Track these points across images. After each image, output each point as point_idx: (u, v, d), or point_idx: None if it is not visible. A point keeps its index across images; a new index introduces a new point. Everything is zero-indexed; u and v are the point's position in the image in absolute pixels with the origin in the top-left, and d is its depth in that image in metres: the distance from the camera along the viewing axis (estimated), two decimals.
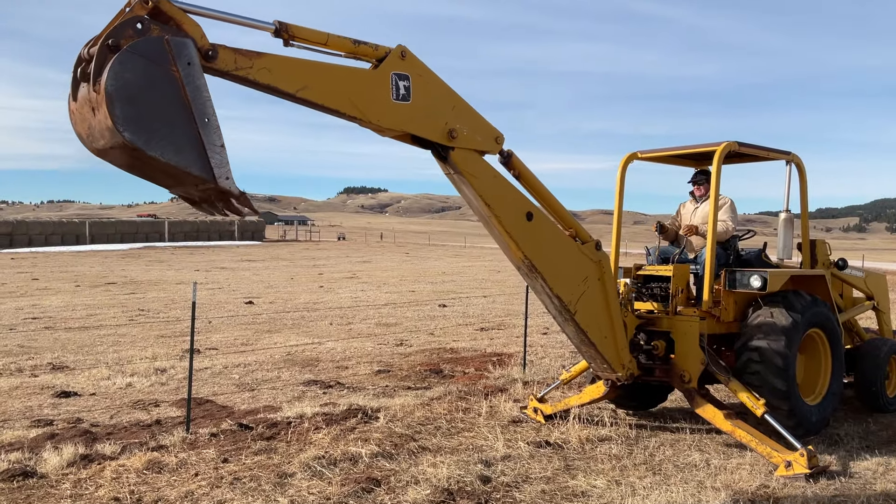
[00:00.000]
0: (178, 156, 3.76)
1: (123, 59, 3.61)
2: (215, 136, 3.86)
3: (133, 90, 3.63)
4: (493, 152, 5.82)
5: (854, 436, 7.40)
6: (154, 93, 3.70)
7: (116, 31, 3.69)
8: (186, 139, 3.79)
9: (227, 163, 3.90)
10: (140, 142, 3.65)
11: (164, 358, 11.45)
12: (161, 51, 3.73)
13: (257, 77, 4.34)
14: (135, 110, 3.64)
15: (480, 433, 7.32)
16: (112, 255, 45.46)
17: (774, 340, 6.91)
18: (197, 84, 3.83)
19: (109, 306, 18.85)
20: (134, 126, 3.63)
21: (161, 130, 3.71)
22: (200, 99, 3.83)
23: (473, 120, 5.59)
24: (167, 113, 3.75)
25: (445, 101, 5.41)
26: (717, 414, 6.88)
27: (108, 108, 3.56)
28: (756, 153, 7.78)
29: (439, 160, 5.63)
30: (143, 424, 7.64)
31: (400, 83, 5.04)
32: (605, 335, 6.62)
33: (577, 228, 6.53)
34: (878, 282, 9.31)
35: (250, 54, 4.29)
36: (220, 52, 4.12)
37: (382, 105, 4.99)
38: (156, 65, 3.71)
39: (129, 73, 3.61)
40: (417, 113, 5.19)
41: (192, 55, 3.84)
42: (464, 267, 38.37)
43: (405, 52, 5.05)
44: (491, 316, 17.44)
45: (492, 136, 5.74)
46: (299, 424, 7.47)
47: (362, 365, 11.16)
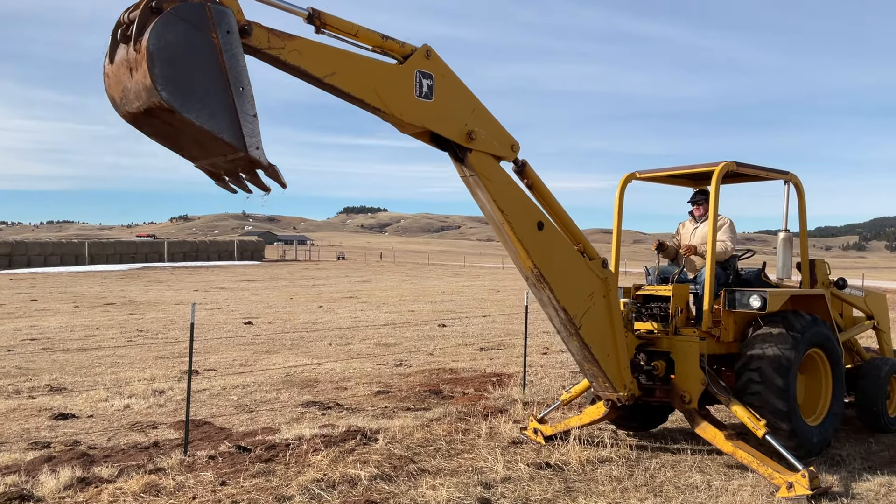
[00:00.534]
0: (211, 120, 3.81)
1: (166, 21, 3.67)
2: (249, 106, 3.92)
3: (173, 52, 3.69)
4: (509, 159, 5.94)
5: (856, 456, 7.35)
6: (193, 57, 3.76)
7: None
8: (221, 105, 3.84)
9: (258, 133, 3.95)
10: (176, 103, 3.70)
11: (162, 379, 11.40)
12: (203, 16, 3.80)
13: (288, 58, 4.42)
14: (173, 71, 3.69)
15: (480, 455, 7.27)
16: (111, 276, 45.43)
17: (775, 360, 6.88)
18: (234, 53, 3.90)
19: (108, 327, 18.80)
20: (172, 86, 3.68)
21: (197, 94, 3.77)
22: (237, 68, 3.89)
23: (491, 125, 5.72)
24: (204, 78, 3.80)
25: (466, 104, 5.53)
26: (717, 435, 6.84)
27: (149, 67, 3.61)
28: (754, 173, 7.80)
29: (456, 161, 5.74)
30: (140, 447, 7.60)
31: (424, 81, 5.16)
32: (608, 353, 6.61)
33: (586, 244, 6.56)
34: (877, 301, 9.29)
35: (283, 35, 4.39)
36: (254, 30, 4.21)
37: (405, 100, 5.10)
38: (196, 29, 3.77)
39: (170, 34, 3.67)
40: (439, 111, 5.31)
41: (231, 24, 3.91)
42: (463, 286, 38.35)
43: (430, 51, 5.20)
44: (490, 336, 17.40)
45: (508, 143, 5.88)
46: (298, 446, 7.43)
47: (361, 386, 11.12)
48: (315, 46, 4.57)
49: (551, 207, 6.42)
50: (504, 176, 5.89)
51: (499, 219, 5.86)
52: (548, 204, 6.40)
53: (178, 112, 3.74)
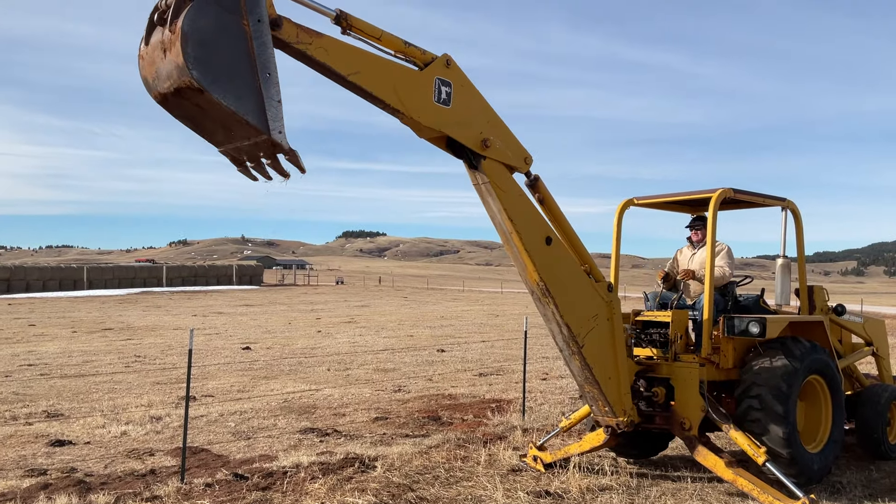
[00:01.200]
0: (238, 102, 3.99)
1: (201, 5, 3.88)
2: (274, 91, 4.10)
3: (206, 34, 3.88)
4: (522, 170, 6.07)
5: (857, 484, 7.31)
6: (224, 41, 3.95)
7: None
8: (248, 89, 4.02)
9: (281, 118, 4.14)
10: (206, 82, 3.89)
11: (159, 406, 11.35)
12: (235, 3, 4.00)
13: (315, 54, 4.60)
14: (205, 53, 3.88)
15: (479, 482, 7.22)
16: (109, 301, 45.36)
17: (774, 387, 6.86)
18: (264, 40, 4.08)
19: (106, 352, 18.74)
20: (203, 67, 3.87)
21: (226, 76, 3.96)
22: (265, 54, 4.08)
23: (506, 136, 5.87)
24: (233, 61, 3.99)
25: (482, 114, 5.68)
26: (718, 462, 6.80)
27: (182, 46, 3.80)
28: (751, 200, 7.83)
29: (470, 169, 5.85)
30: (137, 474, 7.54)
31: (442, 88, 5.34)
32: (609, 376, 6.60)
33: (592, 266, 6.60)
34: (876, 327, 9.29)
35: (311, 32, 4.57)
36: (284, 24, 4.40)
37: (424, 103, 5.25)
38: (229, 14, 3.97)
39: (204, 18, 3.87)
40: (455, 118, 5.46)
41: (263, 13, 4.11)
42: (462, 311, 38.28)
43: (450, 61, 5.38)
44: (489, 361, 17.34)
45: (522, 155, 6.02)
46: (295, 474, 7.38)
47: (360, 412, 11.06)
48: (341, 45, 4.75)
49: (560, 225, 6.49)
50: (516, 187, 5.99)
51: (508, 228, 5.93)
52: (557, 221, 6.48)
53: (206, 92, 3.92)
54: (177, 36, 3.84)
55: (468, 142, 5.62)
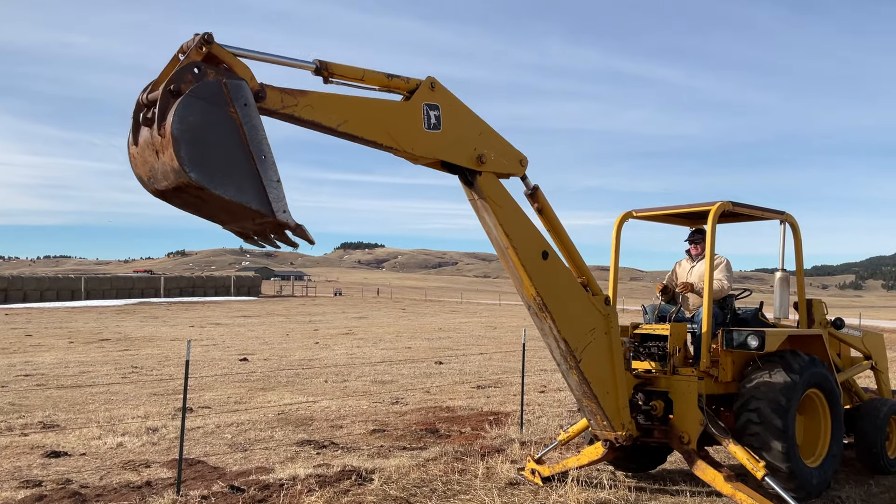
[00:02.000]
0: (238, 192, 3.96)
1: (186, 104, 3.80)
2: (272, 172, 4.06)
3: (196, 132, 3.82)
4: (519, 174, 6.05)
5: (856, 499, 7.27)
6: (215, 133, 3.91)
7: (176, 77, 3.86)
8: (246, 176, 3.98)
9: (283, 197, 4.10)
10: (205, 181, 3.84)
11: (156, 417, 11.31)
12: (220, 94, 3.94)
13: (302, 114, 4.56)
14: (199, 151, 3.83)
15: (477, 496, 7.18)
16: (107, 311, 45.28)
17: (773, 401, 6.84)
18: (254, 123, 4.04)
19: (102, 363, 18.69)
20: (199, 167, 3.82)
21: (223, 169, 3.92)
22: (257, 137, 4.03)
23: (499, 144, 5.83)
24: (228, 152, 3.95)
25: (473, 128, 5.64)
26: (717, 476, 6.77)
27: (175, 150, 3.74)
28: (750, 213, 7.83)
29: (465, 185, 5.82)
30: (133, 486, 7.50)
31: (431, 113, 5.29)
32: (607, 390, 6.57)
33: (590, 279, 6.57)
34: (875, 341, 9.27)
35: (295, 93, 4.52)
36: (268, 93, 4.34)
37: (415, 134, 5.22)
38: (216, 107, 3.92)
39: (192, 116, 3.80)
40: (448, 140, 5.43)
41: (247, 96, 4.06)
42: (460, 323, 38.23)
43: (434, 83, 5.32)
44: (487, 373, 17.30)
45: (516, 158, 5.99)
46: (292, 486, 7.34)
47: (357, 424, 11.02)
48: (326, 98, 4.69)
49: (559, 236, 6.48)
50: (512, 202, 5.97)
51: (504, 244, 5.91)
52: (556, 232, 6.47)
53: (207, 189, 3.90)
54: (168, 140, 3.77)
55: (463, 162, 5.60)
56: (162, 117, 3.80)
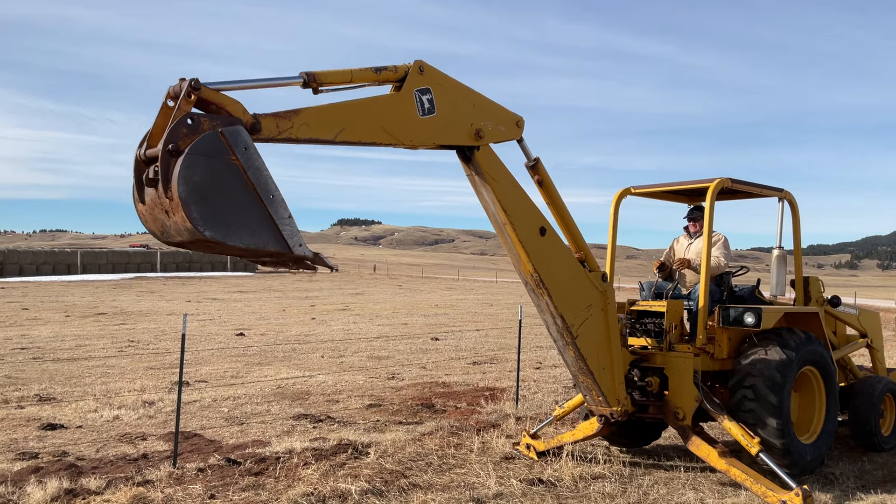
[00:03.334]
0: (254, 238, 3.99)
1: (189, 164, 3.74)
2: (282, 210, 4.07)
3: (203, 190, 3.79)
4: (517, 136, 6.03)
5: (849, 475, 7.32)
6: (221, 185, 3.87)
7: (172, 136, 3.78)
8: (258, 220, 4.00)
9: (297, 231, 4.14)
10: (220, 236, 3.86)
11: (152, 390, 11.32)
12: (219, 144, 3.89)
13: (299, 135, 4.50)
14: (209, 208, 3.81)
15: (472, 470, 7.21)
16: (103, 285, 45.25)
17: (769, 378, 6.85)
18: (256, 165, 4.00)
19: (99, 337, 18.69)
20: (212, 223, 3.82)
21: (236, 220, 3.92)
22: (262, 179, 4.01)
23: (494, 111, 5.79)
24: (237, 200, 3.93)
25: (466, 103, 5.58)
26: (711, 452, 6.80)
27: (186, 213, 3.72)
28: (749, 190, 7.80)
29: (463, 161, 5.80)
30: (129, 458, 7.52)
31: (423, 98, 5.24)
32: (603, 366, 6.59)
33: (588, 255, 6.56)
34: (871, 319, 9.29)
35: (288, 115, 4.44)
36: (262, 123, 4.26)
37: (411, 124, 5.17)
38: (217, 159, 3.86)
39: (196, 175, 3.76)
40: (444, 122, 5.38)
41: (246, 140, 4.00)
42: (457, 300, 38.28)
43: (423, 66, 5.25)
44: (483, 350, 17.34)
45: (512, 121, 5.96)
46: (288, 460, 7.36)
47: (353, 399, 11.05)
48: (319, 112, 4.62)
49: (558, 209, 6.46)
50: (510, 177, 5.95)
51: (502, 219, 5.90)
52: (555, 205, 6.46)
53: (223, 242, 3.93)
54: (177, 204, 3.73)
55: (462, 141, 5.57)
56: (166, 179, 3.76)
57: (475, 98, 5.66)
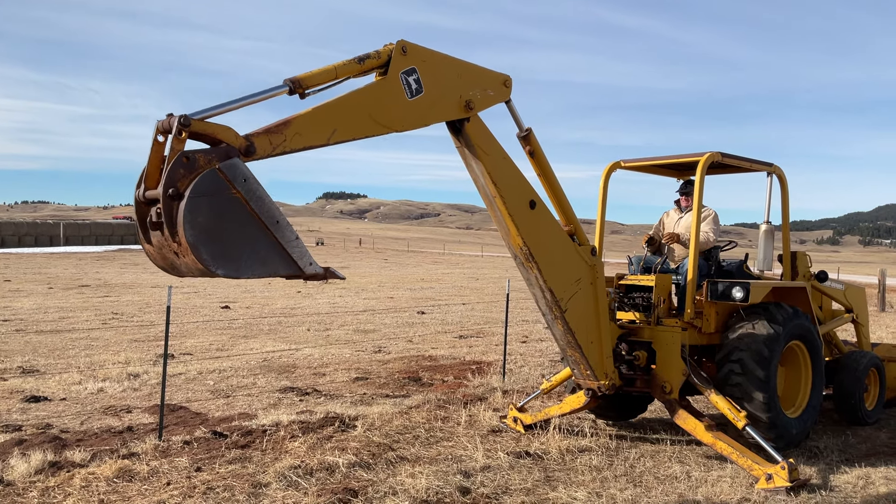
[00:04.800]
0: (265, 267, 4.00)
1: (192, 207, 3.69)
2: (289, 233, 4.06)
3: (210, 230, 3.76)
4: (506, 97, 5.91)
5: (833, 448, 7.38)
6: (227, 221, 3.84)
7: (171, 178, 3.71)
8: (267, 248, 3.99)
9: (306, 251, 4.13)
10: (232, 272, 3.86)
11: (137, 363, 11.24)
12: (218, 181, 3.83)
13: (293, 146, 4.42)
14: (218, 247, 3.79)
15: (460, 443, 7.22)
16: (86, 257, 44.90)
17: (756, 352, 6.87)
18: (258, 195, 3.96)
19: (82, 309, 18.55)
20: (223, 262, 3.80)
21: (245, 252, 3.91)
22: (265, 206, 3.98)
23: (480, 77, 5.67)
24: (244, 233, 3.92)
25: (452, 74, 5.44)
26: (697, 425, 6.83)
27: (196, 256, 3.69)
28: (739, 164, 7.77)
29: (453, 133, 5.69)
30: (114, 431, 7.47)
31: (409, 79, 5.10)
32: (591, 340, 6.57)
33: (577, 228, 6.52)
34: (856, 294, 9.33)
35: (279, 128, 4.35)
36: (256, 143, 4.17)
37: (401, 109, 5.04)
38: (219, 197, 3.81)
39: (201, 216, 3.71)
40: (433, 99, 5.26)
41: (245, 171, 3.94)
42: (443, 274, 38.29)
43: (405, 46, 5.09)
44: (470, 323, 17.36)
45: (499, 82, 5.83)
46: (275, 432, 7.33)
47: (340, 372, 11.02)
48: (309, 118, 4.51)
49: (549, 181, 6.40)
50: (500, 149, 5.86)
51: (491, 192, 5.83)
52: (546, 177, 6.40)
53: (237, 277, 3.94)
54: (185, 248, 3.69)
55: (453, 115, 5.46)
56: (171, 224, 3.71)
57: (460, 67, 5.53)
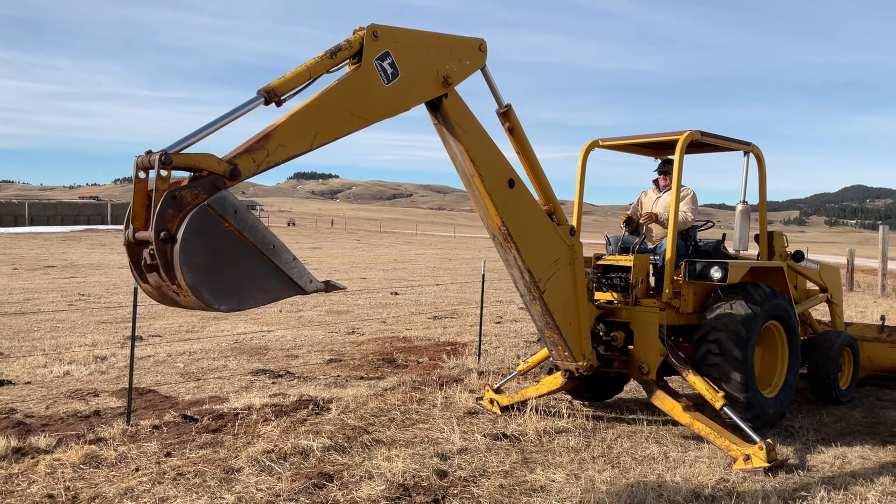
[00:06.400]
0: (266, 294, 4.00)
1: (186, 249, 3.61)
2: (286, 255, 4.02)
3: (208, 268, 3.70)
4: (483, 62, 5.71)
5: (809, 428, 7.39)
6: (223, 256, 3.78)
7: (161, 222, 3.59)
8: (266, 276, 3.96)
9: (304, 270, 4.12)
10: (235, 305, 3.86)
11: (104, 345, 11.00)
12: (209, 217, 3.73)
13: (277, 159, 4.29)
14: (218, 283, 3.74)
15: (436, 425, 7.12)
16: (52, 238, 44.11)
17: (734, 332, 6.83)
18: (251, 224, 3.89)
19: (48, 290, 18.16)
20: (225, 297, 3.77)
21: (246, 284, 3.88)
22: (258, 234, 3.91)
23: (454, 47, 5.45)
24: (242, 264, 3.86)
25: (427, 50, 5.22)
26: (675, 406, 6.79)
27: (197, 297, 3.64)
28: (717, 143, 7.71)
29: (431, 111, 5.52)
30: (80, 415, 7.27)
31: (384, 64, 4.90)
32: (569, 321, 6.49)
33: (556, 207, 6.39)
34: (831, 274, 9.35)
35: (261, 143, 4.19)
36: (240, 166, 4.04)
37: (379, 98, 4.86)
38: (211, 233, 3.73)
39: (196, 257, 3.64)
40: (411, 81, 5.07)
41: (234, 203, 3.85)
42: (415, 255, 38.16)
43: (376, 30, 4.84)
44: (443, 304, 17.27)
45: (474, 47, 5.61)
46: (247, 416, 7.18)
47: (313, 354, 10.87)
48: (288, 127, 4.34)
49: (528, 158, 6.26)
50: (478, 127, 5.70)
51: (470, 171, 5.68)
52: (525, 154, 6.25)
53: (241, 309, 3.94)
54: (185, 290, 3.61)
55: (432, 93, 5.27)
56: (168, 268, 3.62)
57: (433, 41, 5.31)
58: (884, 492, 5.64)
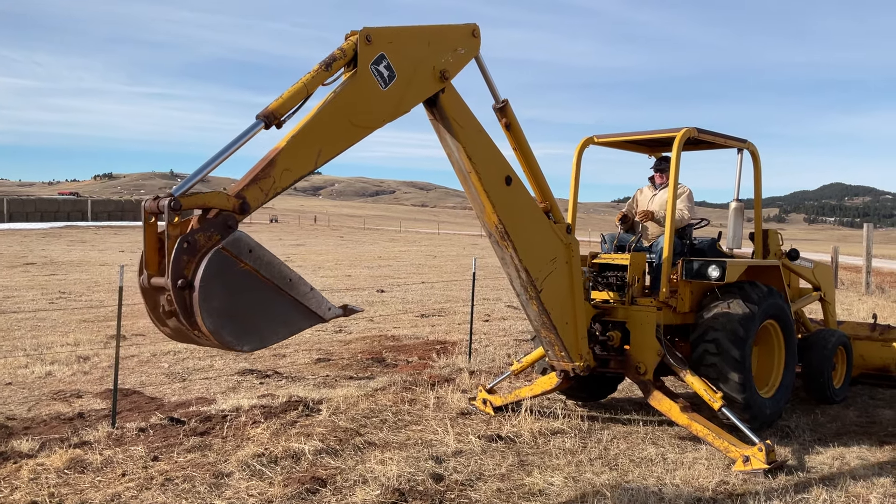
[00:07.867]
0: (288, 328, 3.96)
1: (205, 296, 3.56)
2: (303, 287, 3.97)
3: (227, 311, 3.65)
4: (477, 49, 5.55)
5: (805, 428, 7.32)
6: (242, 297, 3.73)
7: (176, 269, 3.54)
8: (286, 310, 3.91)
9: (322, 298, 4.07)
10: (257, 344, 3.85)
11: (87, 345, 10.77)
12: (225, 260, 3.68)
13: (284, 184, 4.21)
14: (239, 325, 3.69)
15: (429, 426, 6.99)
16: (31, 234, 43.51)
17: (731, 332, 6.75)
18: (266, 261, 3.84)
19: (28, 288, 17.84)
20: (247, 337, 3.74)
21: (265, 322, 3.83)
22: (275, 269, 3.87)
23: (448, 37, 5.31)
24: (261, 302, 3.81)
25: (421, 45, 5.07)
26: (672, 407, 6.70)
27: (220, 340, 3.61)
28: (713, 140, 7.63)
29: (427, 107, 5.37)
30: (64, 418, 7.07)
31: (380, 68, 4.75)
32: (566, 321, 6.37)
33: (553, 205, 6.27)
34: (824, 273, 9.31)
35: (266, 170, 4.10)
36: (248, 198, 3.98)
37: (378, 103, 4.73)
38: (229, 275, 3.68)
39: (216, 301, 3.59)
40: (408, 81, 4.93)
41: (249, 242, 3.81)
42: (400, 252, 37.98)
43: (369, 34, 4.67)
44: (431, 302, 17.13)
45: (467, 34, 5.47)
46: (236, 418, 7.02)
47: (301, 353, 10.71)
48: (292, 150, 4.23)
49: (525, 155, 6.14)
50: (475, 123, 5.58)
51: (466, 168, 5.55)
52: (522, 151, 6.13)
53: (263, 347, 3.92)
54: (207, 335, 3.58)
55: (431, 91, 5.15)
56: (187, 315, 3.58)
57: (427, 35, 5.16)
58: (885, 493, 5.58)
